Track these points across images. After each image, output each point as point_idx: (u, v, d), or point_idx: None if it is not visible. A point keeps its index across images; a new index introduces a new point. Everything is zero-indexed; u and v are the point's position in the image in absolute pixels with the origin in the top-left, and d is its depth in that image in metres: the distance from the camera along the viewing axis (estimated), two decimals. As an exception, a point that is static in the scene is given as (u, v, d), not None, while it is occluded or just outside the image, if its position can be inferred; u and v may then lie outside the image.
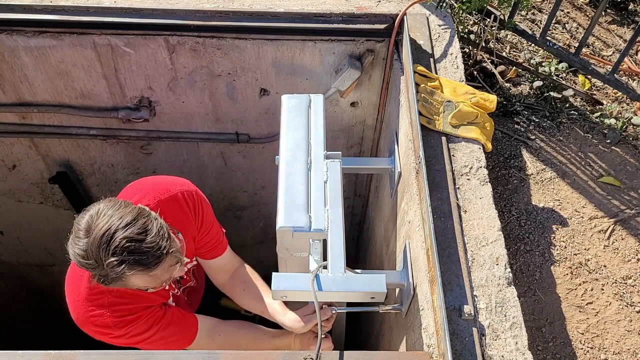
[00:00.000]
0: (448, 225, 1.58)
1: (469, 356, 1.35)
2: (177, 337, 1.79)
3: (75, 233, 1.40)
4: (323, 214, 1.54)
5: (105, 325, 1.63)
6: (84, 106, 2.43)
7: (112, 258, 1.35)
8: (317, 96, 1.82)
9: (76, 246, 1.38)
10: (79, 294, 1.64)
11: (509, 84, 2.64)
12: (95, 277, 1.42)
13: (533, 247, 2.11)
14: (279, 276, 1.48)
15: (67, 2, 2.08)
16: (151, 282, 1.49)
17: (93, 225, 1.37)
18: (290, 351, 1.66)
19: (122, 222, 1.37)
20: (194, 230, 1.79)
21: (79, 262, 1.40)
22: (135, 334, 1.67)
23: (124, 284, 1.46)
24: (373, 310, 1.71)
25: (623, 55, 2.28)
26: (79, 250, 1.38)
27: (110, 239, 1.35)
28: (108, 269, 1.36)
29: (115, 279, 1.40)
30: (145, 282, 1.48)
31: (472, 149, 1.77)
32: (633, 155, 2.37)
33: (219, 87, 2.35)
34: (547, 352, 1.89)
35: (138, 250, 1.37)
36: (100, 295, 1.63)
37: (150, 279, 1.47)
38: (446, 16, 2.16)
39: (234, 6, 2.10)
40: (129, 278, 1.41)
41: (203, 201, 1.82)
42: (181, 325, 1.81)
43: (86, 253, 1.36)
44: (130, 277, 1.41)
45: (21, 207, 3.05)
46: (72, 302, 1.67)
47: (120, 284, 1.46)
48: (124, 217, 1.38)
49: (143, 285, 1.51)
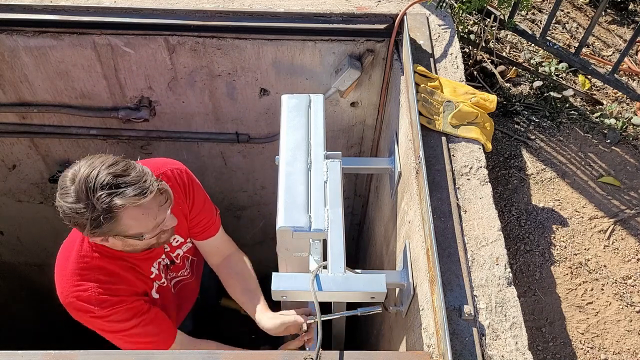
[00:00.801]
0: (448, 225, 1.58)
1: (469, 356, 1.35)
2: (155, 339, 1.77)
3: (62, 188, 1.45)
4: (323, 214, 1.54)
5: (87, 301, 1.64)
6: (84, 106, 2.43)
7: (100, 192, 1.40)
8: (317, 96, 1.82)
9: (64, 197, 1.43)
10: (67, 268, 1.66)
11: (509, 84, 2.64)
12: (88, 225, 1.44)
13: (533, 247, 2.11)
14: (279, 276, 1.48)
15: (67, 2, 2.08)
16: (145, 220, 1.51)
17: (77, 173, 1.43)
18: (290, 351, 1.66)
19: (104, 164, 1.44)
20: (185, 208, 1.82)
21: (70, 212, 1.43)
22: (115, 320, 1.67)
23: (118, 228, 1.48)
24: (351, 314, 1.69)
25: (623, 55, 2.28)
26: (68, 198, 1.42)
27: (96, 177, 1.41)
28: (98, 205, 1.40)
29: (108, 218, 1.43)
30: (139, 221, 1.49)
31: (472, 149, 1.77)
32: (633, 155, 2.37)
33: (219, 87, 2.35)
34: (547, 352, 1.89)
35: (124, 183, 1.43)
36: (88, 272, 1.65)
37: (144, 217, 1.49)
38: (446, 16, 2.16)
39: (234, 6, 2.10)
40: (122, 217, 1.45)
41: (193, 181, 1.85)
42: (161, 328, 1.80)
43: (75, 197, 1.41)
44: (123, 216, 1.45)
45: (21, 207, 3.05)
46: (60, 278, 1.69)
47: (115, 227, 1.47)
48: (105, 161, 1.45)
49: (137, 227, 1.51)
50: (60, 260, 1.72)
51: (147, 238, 1.59)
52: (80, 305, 1.66)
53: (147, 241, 1.62)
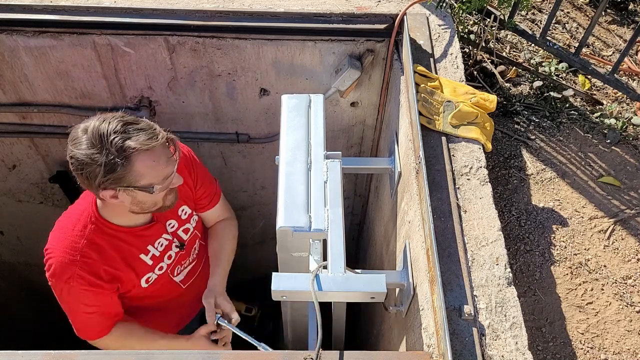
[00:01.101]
0: (448, 225, 1.58)
1: (469, 356, 1.35)
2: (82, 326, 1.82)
3: (73, 140, 1.52)
4: (323, 214, 1.54)
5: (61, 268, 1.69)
6: (84, 106, 2.43)
7: (113, 136, 1.49)
8: (317, 96, 1.82)
9: (77, 145, 1.51)
10: (62, 234, 1.74)
11: (509, 84, 2.64)
12: (102, 171, 1.50)
13: (533, 247, 2.11)
14: (279, 276, 1.48)
15: (67, 2, 2.08)
16: (156, 169, 1.57)
17: (89, 125, 1.51)
18: (289, 351, 1.66)
19: (115, 117, 1.53)
20: (190, 181, 1.92)
21: (84, 158, 1.49)
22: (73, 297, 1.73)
23: (130, 177, 1.54)
24: None
25: (623, 55, 2.29)
26: (81, 146, 1.50)
27: (108, 125, 1.50)
28: (112, 148, 1.48)
29: (122, 161, 1.50)
30: (150, 169, 1.56)
31: (472, 149, 1.77)
32: (633, 155, 2.37)
33: (219, 87, 2.35)
34: (547, 352, 1.89)
35: (136, 129, 1.53)
36: (81, 242, 1.70)
37: (154, 165, 1.56)
38: (446, 16, 2.17)
39: (234, 6, 2.11)
40: (135, 163, 1.52)
41: (195, 159, 1.97)
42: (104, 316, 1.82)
43: (88, 144, 1.49)
44: (136, 161, 1.51)
45: (21, 207, 3.05)
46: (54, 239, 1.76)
47: (127, 175, 1.53)
48: (115, 115, 1.55)
49: (148, 176, 1.57)
50: (58, 226, 1.78)
51: (157, 191, 1.62)
52: (54, 269, 1.71)
53: (156, 198, 1.65)
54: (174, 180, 1.66)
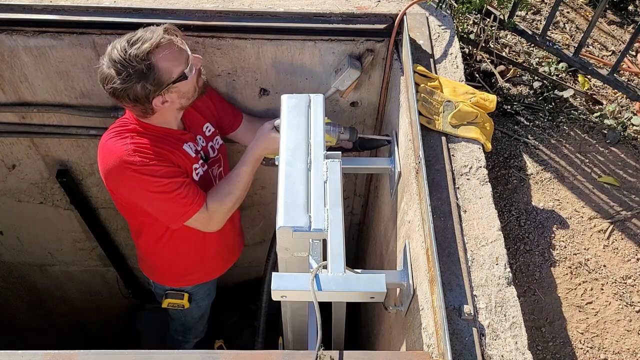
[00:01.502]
0: (448, 225, 1.58)
1: (468, 356, 1.35)
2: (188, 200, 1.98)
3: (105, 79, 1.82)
4: (323, 214, 1.54)
5: (132, 156, 1.89)
6: (84, 106, 2.43)
7: (128, 52, 1.77)
8: (317, 96, 1.82)
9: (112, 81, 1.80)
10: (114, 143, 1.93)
11: (509, 84, 2.64)
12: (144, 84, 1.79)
13: (533, 247, 2.11)
14: (279, 276, 1.48)
15: (67, 2, 2.08)
16: (177, 58, 1.83)
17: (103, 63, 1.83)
18: (289, 351, 1.66)
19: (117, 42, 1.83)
20: (208, 101, 2.21)
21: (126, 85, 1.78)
22: (155, 174, 1.91)
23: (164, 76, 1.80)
24: None
25: (623, 55, 2.29)
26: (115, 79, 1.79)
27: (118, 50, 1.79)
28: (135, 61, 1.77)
29: (148, 67, 1.78)
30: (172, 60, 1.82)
31: (472, 148, 1.77)
32: (633, 155, 2.37)
33: (219, 87, 2.35)
34: (547, 352, 1.89)
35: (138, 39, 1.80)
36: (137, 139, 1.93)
37: (174, 55, 1.82)
38: (446, 16, 2.17)
39: (234, 6, 2.11)
40: (158, 62, 1.79)
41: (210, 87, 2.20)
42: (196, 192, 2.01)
43: (117, 71, 1.78)
44: (158, 61, 1.79)
45: (21, 207, 3.05)
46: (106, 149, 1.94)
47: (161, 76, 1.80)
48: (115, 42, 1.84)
49: (176, 66, 1.82)
50: (106, 140, 1.96)
51: (190, 75, 1.87)
52: (114, 154, 1.89)
53: (192, 82, 1.90)
54: (195, 61, 1.90)
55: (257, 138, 2.08)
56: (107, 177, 1.95)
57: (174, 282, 2.54)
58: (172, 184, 1.93)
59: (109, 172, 1.92)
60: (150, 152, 1.92)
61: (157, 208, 2.01)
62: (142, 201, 2.00)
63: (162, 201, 1.96)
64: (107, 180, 1.97)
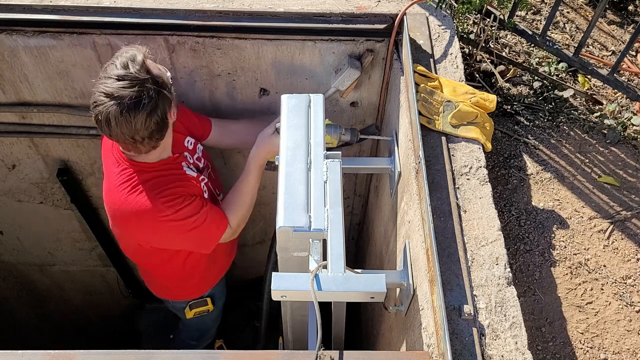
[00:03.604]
0: (448, 225, 1.58)
1: (468, 356, 1.35)
2: (216, 224, 2.03)
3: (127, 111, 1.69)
4: (323, 214, 1.54)
5: (153, 205, 1.86)
6: (84, 106, 2.42)
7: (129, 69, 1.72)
8: (317, 96, 1.82)
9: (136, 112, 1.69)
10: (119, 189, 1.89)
11: (509, 84, 2.64)
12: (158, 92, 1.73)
13: (533, 247, 2.11)
14: (279, 276, 1.48)
15: (67, 2, 2.08)
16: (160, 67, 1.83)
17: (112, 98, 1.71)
18: (289, 351, 1.66)
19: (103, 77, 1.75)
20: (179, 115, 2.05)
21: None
22: (183, 216, 1.91)
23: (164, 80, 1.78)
24: None
25: (623, 55, 2.29)
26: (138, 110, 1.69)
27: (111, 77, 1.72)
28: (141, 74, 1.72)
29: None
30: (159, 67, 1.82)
31: (472, 148, 1.77)
32: (633, 155, 2.37)
33: (219, 87, 2.35)
34: (546, 352, 1.89)
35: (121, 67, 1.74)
36: (141, 185, 1.89)
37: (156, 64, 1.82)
38: (446, 16, 2.17)
39: (234, 6, 2.11)
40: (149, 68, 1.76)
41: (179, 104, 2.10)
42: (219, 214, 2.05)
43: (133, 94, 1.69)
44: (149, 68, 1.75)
45: (21, 207, 3.05)
46: (113, 197, 1.91)
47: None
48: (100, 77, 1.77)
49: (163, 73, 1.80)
50: (109, 188, 1.94)
51: None
52: (144, 212, 1.86)
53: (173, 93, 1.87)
54: None
55: (258, 144, 2.08)
56: (137, 234, 1.96)
57: (193, 293, 2.54)
58: (201, 217, 1.96)
59: (139, 229, 1.93)
60: (174, 196, 1.91)
61: (193, 243, 2.05)
62: (176, 244, 2.04)
63: (197, 236, 1.99)
64: (135, 236, 1.98)
